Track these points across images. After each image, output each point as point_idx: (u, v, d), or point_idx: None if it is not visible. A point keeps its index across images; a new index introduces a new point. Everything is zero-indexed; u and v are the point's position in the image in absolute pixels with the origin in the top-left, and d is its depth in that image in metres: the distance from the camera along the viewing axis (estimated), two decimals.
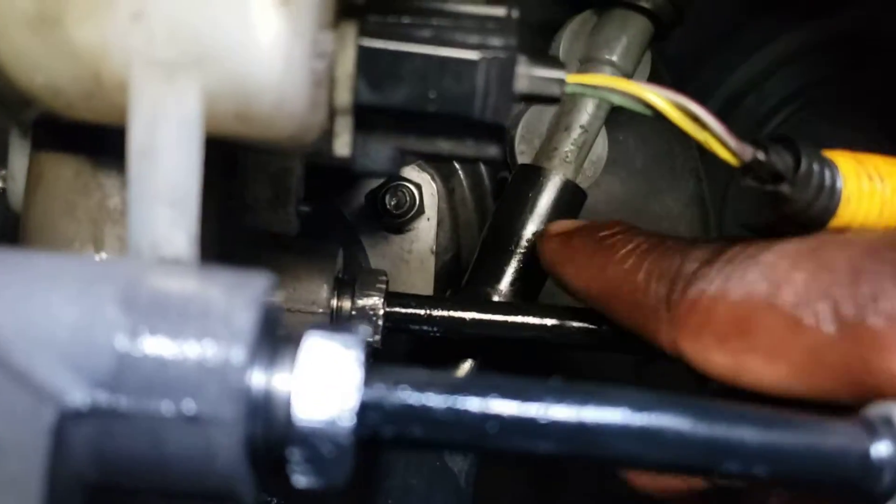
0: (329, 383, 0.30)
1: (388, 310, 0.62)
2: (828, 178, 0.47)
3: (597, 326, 0.61)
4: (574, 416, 0.31)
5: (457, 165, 0.82)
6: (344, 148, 0.41)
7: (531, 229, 0.68)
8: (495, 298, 0.68)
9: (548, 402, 0.31)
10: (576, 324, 0.62)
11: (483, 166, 0.83)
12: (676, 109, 0.45)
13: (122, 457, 0.29)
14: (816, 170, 0.47)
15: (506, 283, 0.68)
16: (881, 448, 0.33)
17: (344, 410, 0.30)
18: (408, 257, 0.79)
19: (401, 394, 0.31)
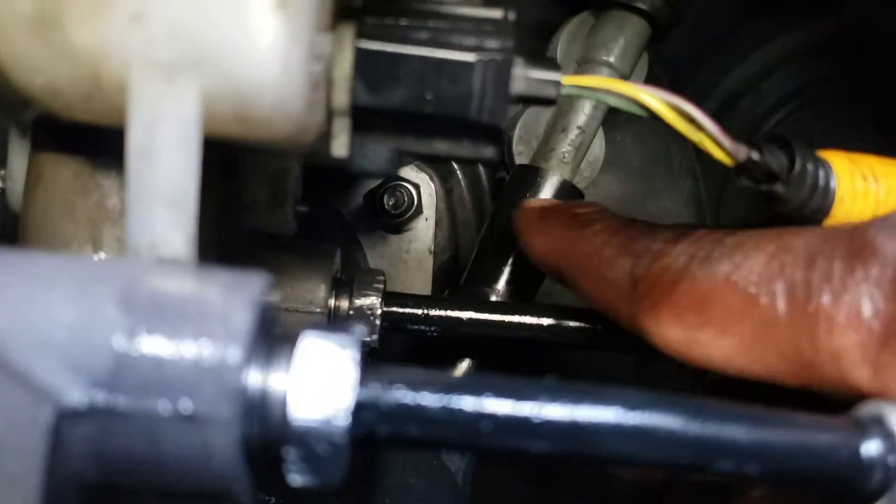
0: (324, 383, 0.30)
1: (385, 309, 0.62)
2: (822, 177, 0.48)
3: (594, 326, 0.61)
4: (567, 416, 0.31)
5: (455, 166, 0.82)
6: (341, 149, 0.41)
7: None
8: (493, 298, 0.68)
9: (541, 401, 0.31)
10: (573, 323, 0.62)
11: (481, 167, 0.83)
12: (671, 110, 0.45)
13: (120, 456, 0.29)
14: (810, 170, 0.48)
15: (503, 282, 0.68)
16: (871, 447, 0.33)
17: (339, 410, 0.30)
18: (406, 257, 0.79)
19: (396, 393, 0.31)
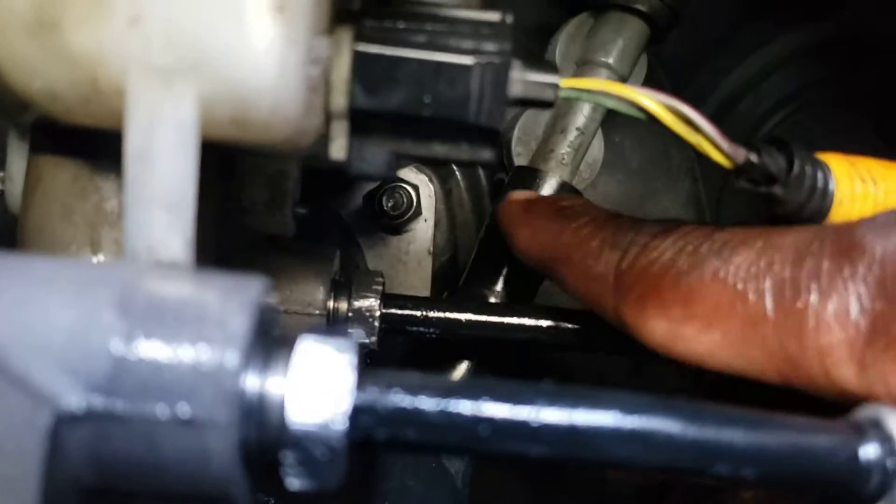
0: (322, 387, 0.30)
1: (384, 311, 0.62)
2: (820, 180, 0.48)
3: (592, 328, 0.61)
4: (565, 420, 0.31)
5: (454, 167, 0.82)
6: (340, 152, 0.41)
7: None
8: (492, 300, 0.68)
9: (539, 405, 0.31)
10: (571, 325, 0.62)
11: (480, 168, 0.83)
12: (670, 113, 0.45)
13: (118, 460, 0.30)
14: (809, 172, 0.48)
15: (502, 284, 0.68)
16: (869, 450, 0.33)
17: (337, 414, 0.30)
18: (405, 258, 0.79)
19: (393, 397, 0.31)
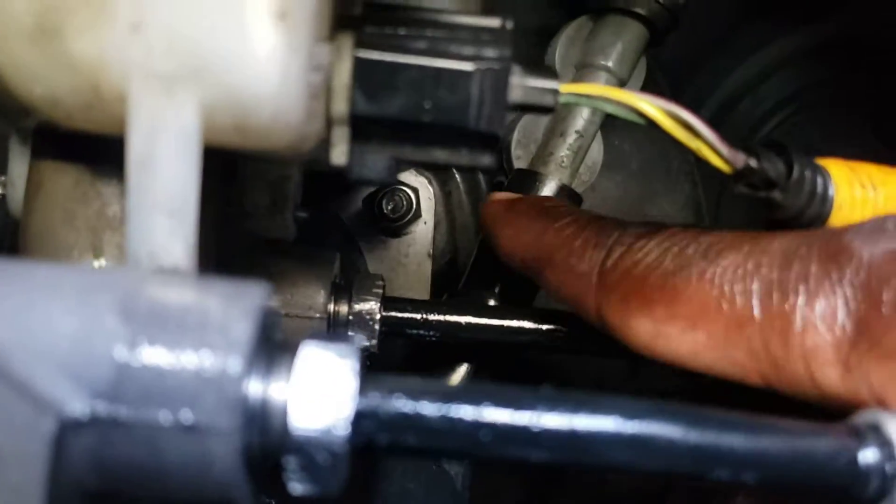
0: (324, 392, 0.31)
1: (384, 314, 0.62)
2: (820, 185, 0.48)
3: (592, 331, 0.61)
4: (566, 425, 0.32)
5: (454, 169, 0.82)
6: (341, 157, 0.41)
7: None
8: (491, 302, 0.68)
9: (540, 410, 0.31)
10: (571, 328, 0.62)
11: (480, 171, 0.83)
12: (669, 118, 0.45)
13: (121, 466, 0.30)
14: (808, 177, 0.48)
15: (501, 287, 0.69)
16: (868, 454, 0.33)
17: (339, 419, 0.30)
18: (405, 261, 0.80)
19: (395, 402, 0.31)
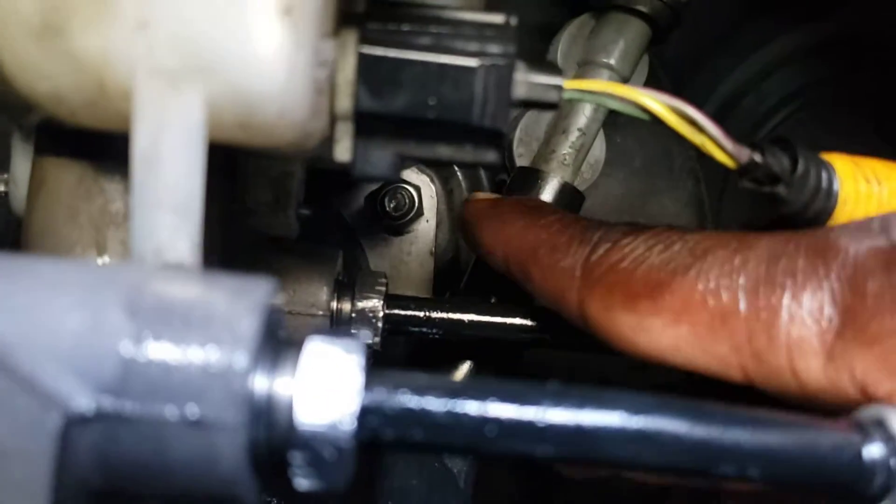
0: (330, 388, 0.31)
1: (387, 312, 0.62)
2: (824, 180, 0.48)
3: None
4: (571, 420, 0.32)
5: (456, 167, 0.82)
6: (344, 153, 0.41)
7: None
8: (494, 300, 0.68)
9: (545, 405, 0.32)
10: (574, 325, 0.62)
11: (482, 169, 0.83)
12: (673, 114, 0.45)
13: (127, 461, 0.30)
14: (813, 172, 0.48)
15: (504, 284, 0.68)
16: (873, 450, 0.33)
17: (345, 414, 0.30)
18: (407, 259, 0.80)
19: (401, 397, 0.31)
